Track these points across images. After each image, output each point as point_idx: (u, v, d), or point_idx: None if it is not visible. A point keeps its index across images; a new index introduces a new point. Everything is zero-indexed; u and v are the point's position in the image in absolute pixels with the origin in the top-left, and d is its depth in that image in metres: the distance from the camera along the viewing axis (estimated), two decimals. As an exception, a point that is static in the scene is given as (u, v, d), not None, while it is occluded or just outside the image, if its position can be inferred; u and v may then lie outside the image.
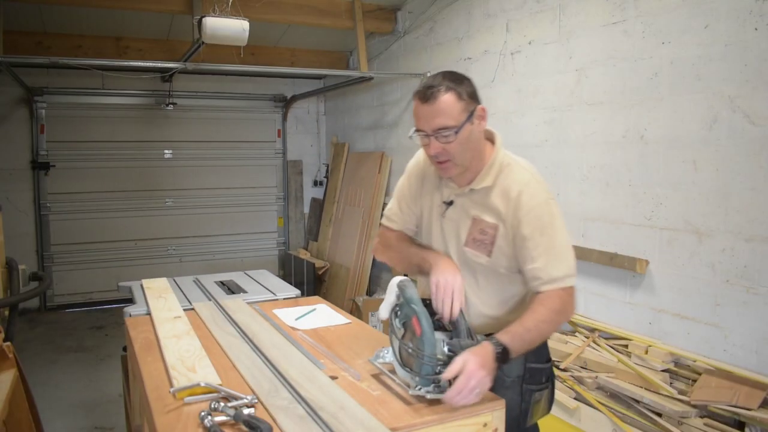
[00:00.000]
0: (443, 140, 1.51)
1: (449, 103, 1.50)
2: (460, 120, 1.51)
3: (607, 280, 3.24)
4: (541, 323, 1.48)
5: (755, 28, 2.47)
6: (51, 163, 5.85)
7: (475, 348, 1.38)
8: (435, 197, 1.71)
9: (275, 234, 7.04)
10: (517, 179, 1.58)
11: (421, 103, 1.52)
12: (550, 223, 1.53)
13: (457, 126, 1.50)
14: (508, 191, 1.56)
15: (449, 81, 1.51)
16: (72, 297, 6.06)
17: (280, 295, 2.66)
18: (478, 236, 1.60)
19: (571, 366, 3.06)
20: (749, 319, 2.54)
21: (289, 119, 7.01)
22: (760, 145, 2.47)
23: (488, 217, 1.59)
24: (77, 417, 3.52)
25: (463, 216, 1.63)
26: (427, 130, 1.52)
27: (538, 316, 1.48)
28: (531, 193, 1.55)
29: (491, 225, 1.58)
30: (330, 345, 1.83)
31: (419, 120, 1.54)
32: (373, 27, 5.26)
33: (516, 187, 1.56)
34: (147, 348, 1.81)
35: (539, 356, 1.67)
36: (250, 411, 1.32)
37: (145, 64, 5.08)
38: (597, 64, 3.26)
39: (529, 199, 1.54)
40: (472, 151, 1.58)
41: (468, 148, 1.56)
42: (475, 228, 1.61)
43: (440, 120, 1.50)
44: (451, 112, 1.50)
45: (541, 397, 1.69)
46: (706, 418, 2.48)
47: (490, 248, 1.58)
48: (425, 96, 1.51)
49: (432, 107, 1.50)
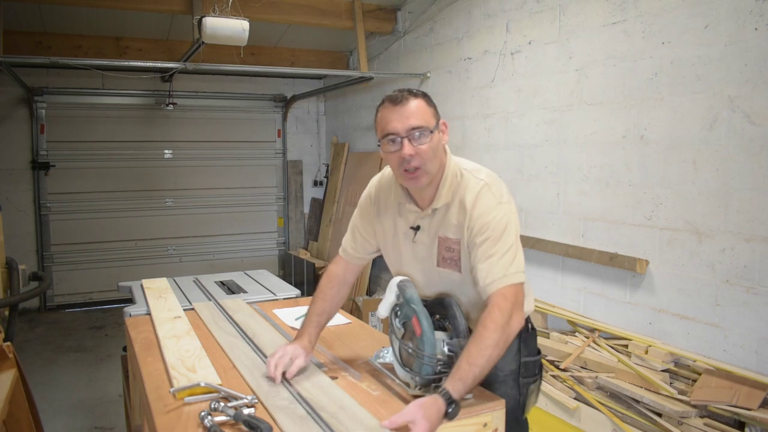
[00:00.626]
0: (417, 142, 1.50)
1: (421, 107, 1.52)
2: (432, 123, 1.52)
3: (607, 280, 3.24)
4: (487, 353, 1.39)
5: (755, 28, 2.47)
6: (51, 163, 5.85)
7: (427, 402, 1.30)
8: (399, 224, 1.69)
9: (275, 234, 7.04)
10: (470, 189, 1.57)
11: (393, 105, 1.52)
12: (500, 232, 1.52)
13: (431, 128, 1.51)
14: (464, 203, 1.56)
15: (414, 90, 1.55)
16: (72, 297, 6.06)
17: (280, 295, 2.66)
18: (446, 254, 1.60)
19: (571, 366, 3.06)
20: (749, 319, 2.54)
21: (289, 119, 7.01)
22: (760, 145, 2.47)
23: (450, 233, 1.59)
24: (77, 417, 3.52)
25: (431, 237, 1.63)
26: (401, 131, 1.50)
27: (482, 346, 1.40)
28: (482, 203, 1.54)
29: (455, 241, 1.58)
30: (330, 345, 1.83)
31: (391, 122, 1.51)
32: (373, 27, 5.26)
33: (470, 199, 1.55)
34: (147, 348, 1.81)
35: (530, 349, 1.71)
36: (250, 411, 1.32)
37: (145, 64, 5.08)
38: (597, 64, 3.26)
39: (480, 209, 1.53)
40: (439, 161, 1.57)
41: (437, 156, 1.55)
42: (442, 247, 1.61)
43: (414, 120, 1.50)
44: (424, 114, 1.52)
45: (535, 388, 1.74)
46: (706, 418, 2.48)
47: (458, 264, 1.59)
48: (397, 99, 1.52)
49: (405, 108, 1.50)
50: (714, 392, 2.49)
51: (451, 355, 1.41)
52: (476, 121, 4.26)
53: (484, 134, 4.18)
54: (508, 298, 1.46)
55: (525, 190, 3.84)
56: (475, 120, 4.28)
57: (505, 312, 1.44)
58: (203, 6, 4.18)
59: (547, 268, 3.68)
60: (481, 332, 1.41)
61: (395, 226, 1.70)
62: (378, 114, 1.56)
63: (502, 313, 1.44)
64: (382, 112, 1.55)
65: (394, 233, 1.71)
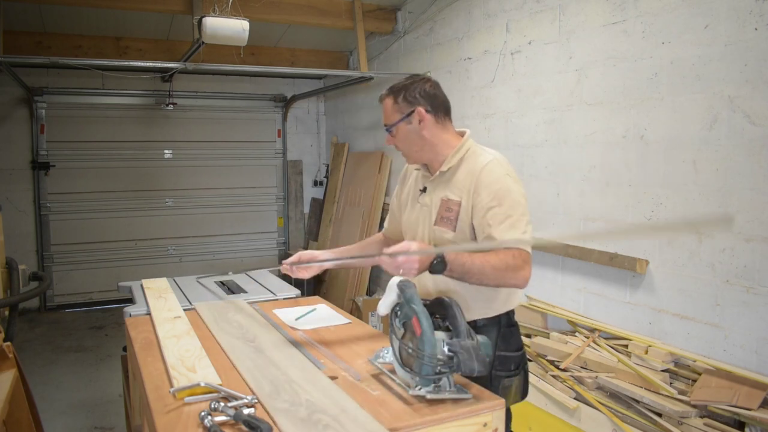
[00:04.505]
0: (391, 135, 1.85)
1: (386, 105, 1.83)
2: (393, 120, 1.81)
3: (607, 280, 3.24)
4: (487, 265, 1.59)
5: (755, 28, 2.47)
6: (51, 163, 5.85)
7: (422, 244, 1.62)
8: (413, 189, 1.96)
9: (275, 234, 7.04)
10: (480, 161, 1.77)
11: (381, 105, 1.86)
12: (507, 196, 1.69)
13: (390, 125, 1.82)
14: (473, 170, 1.75)
15: (393, 89, 1.82)
16: (72, 297, 6.06)
17: (280, 295, 2.66)
18: (445, 214, 1.78)
19: (571, 366, 3.06)
20: (749, 319, 2.54)
21: (289, 119, 7.01)
22: (760, 145, 2.47)
23: (453, 195, 1.77)
24: (77, 417, 3.52)
25: (434, 199, 1.83)
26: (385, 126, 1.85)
27: (488, 258, 1.61)
28: (491, 169, 1.73)
29: (456, 202, 1.76)
30: (330, 345, 1.83)
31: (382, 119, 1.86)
32: (373, 27, 5.26)
33: (479, 166, 1.75)
34: (147, 348, 1.81)
35: (509, 345, 1.78)
36: (250, 411, 1.32)
37: (145, 64, 5.08)
38: (597, 64, 3.26)
39: (488, 174, 1.72)
40: (420, 145, 1.82)
41: (413, 143, 1.82)
42: (443, 207, 1.79)
43: (385, 119, 1.84)
44: (387, 112, 1.83)
45: (511, 383, 1.78)
46: (706, 418, 2.48)
47: (454, 223, 1.75)
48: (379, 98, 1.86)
49: (382, 109, 1.85)
50: (714, 392, 2.49)
51: (451, 355, 1.40)
52: (476, 121, 4.26)
53: (484, 134, 4.18)
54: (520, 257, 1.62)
55: (525, 190, 3.83)
56: (475, 120, 4.28)
57: (518, 261, 1.61)
58: (203, 6, 4.18)
59: (547, 268, 3.68)
60: (492, 253, 1.61)
61: (410, 192, 1.97)
62: None
63: (516, 260, 1.61)
64: None
65: (407, 198, 1.98)
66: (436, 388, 1.39)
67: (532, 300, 3.73)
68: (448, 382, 1.40)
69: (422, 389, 1.39)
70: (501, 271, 1.60)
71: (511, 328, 1.83)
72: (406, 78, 1.84)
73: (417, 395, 1.39)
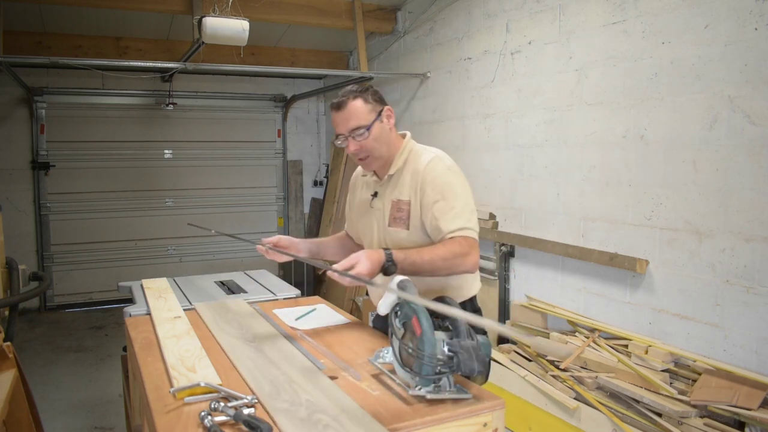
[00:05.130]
0: (359, 138, 1.81)
1: (358, 107, 1.80)
2: (369, 119, 1.81)
3: (607, 280, 3.24)
4: (436, 257, 1.67)
5: (755, 28, 2.47)
6: (51, 163, 5.85)
7: (371, 251, 1.64)
8: (363, 195, 2.02)
9: (275, 234, 7.03)
10: (422, 160, 1.85)
11: (335, 111, 1.83)
12: (449, 190, 1.77)
13: (368, 125, 1.80)
14: (417, 169, 1.83)
15: (355, 91, 1.83)
16: (72, 297, 6.06)
17: (280, 295, 2.66)
18: (397, 214, 1.86)
19: (571, 366, 3.06)
20: (749, 319, 2.54)
21: (289, 119, 7.01)
22: (760, 145, 2.47)
23: (403, 195, 1.85)
24: (77, 417, 3.52)
25: (385, 202, 1.91)
26: (344, 132, 1.82)
27: (436, 251, 1.69)
28: (432, 166, 1.81)
29: (405, 201, 1.84)
30: (330, 345, 1.83)
31: (337, 125, 1.83)
32: (373, 27, 5.26)
33: (422, 165, 1.83)
34: (147, 348, 1.81)
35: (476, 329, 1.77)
36: (250, 411, 1.32)
37: (145, 64, 5.07)
38: (597, 64, 3.26)
39: (431, 171, 1.80)
40: (387, 144, 1.87)
41: (383, 142, 1.85)
42: (394, 208, 1.87)
43: (352, 122, 1.80)
44: (361, 114, 1.80)
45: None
46: (706, 418, 2.48)
47: (407, 222, 1.84)
48: (338, 105, 1.82)
49: (344, 113, 1.81)
50: (714, 392, 2.49)
51: (451, 355, 1.41)
52: (476, 121, 4.26)
53: (484, 134, 4.18)
54: (467, 243, 1.71)
55: (525, 190, 3.84)
56: (475, 120, 4.28)
57: (464, 248, 1.70)
58: (203, 6, 4.18)
59: (547, 268, 3.68)
60: (440, 245, 1.71)
61: (361, 198, 2.05)
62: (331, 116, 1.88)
63: (462, 247, 1.69)
64: (332, 116, 1.87)
65: (359, 204, 2.06)
66: (436, 388, 1.39)
67: (532, 300, 3.73)
68: (448, 382, 1.40)
69: (422, 389, 1.39)
70: (450, 260, 1.68)
71: (476, 312, 1.95)
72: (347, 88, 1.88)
73: (417, 395, 1.39)
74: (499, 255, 4.00)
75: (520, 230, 3.88)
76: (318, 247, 2.15)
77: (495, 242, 4.01)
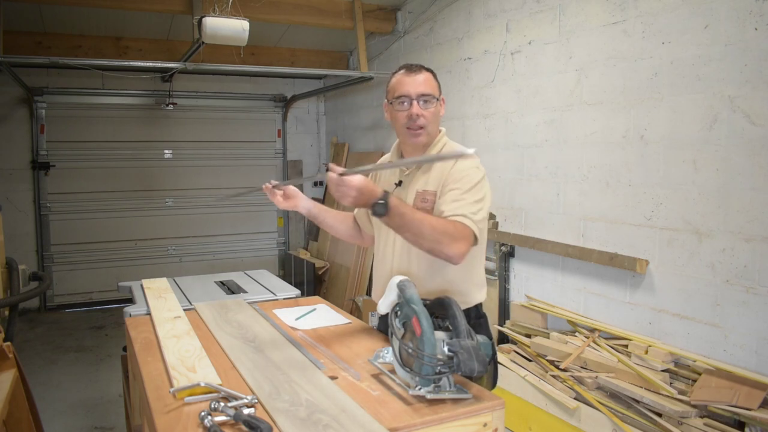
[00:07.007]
0: (424, 105, 1.82)
1: (430, 78, 1.86)
2: (437, 93, 1.86)
3: (607, 280, 3.24)
4: (426, 223, 1.61)
5: (755, 28, 2.47)
6: (51, 163, 5.85)
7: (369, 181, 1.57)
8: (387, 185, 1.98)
9: (275, 234, 7.04)
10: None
11: (408, 73, 1.85)
12: (468, 182, 1.76)
13: (436, 96, 1.85)
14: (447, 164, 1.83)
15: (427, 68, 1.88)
16: (72, 297, 6.06)
17: (280, 295, 2.66)
18: (420, 205, 1.83)
19: (571, 366, 3.06)
20: (749, 319, 2.54)
21: (289, 119, 7.01)
22: (760, 145, 2.47)
23: (429, 186, 1.84)
24: (77, 417, 3.52)
25: (409, 192, 1.88)
26: (413, 94, 1.82)
27: (429, 218, 1.65)
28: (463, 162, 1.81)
29: (432, 192, 1.83)
30: (330, 345, 1.83)
31: (405, 86, 1.83)
32: (373, 27, 5.26)
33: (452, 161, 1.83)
34: (147, 348, 1.81)
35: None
36: (250, 411, 1.32)
37: (145, 64, 5.08)
38: (597, 64, 3.26)
39: (459, 164, 1.81)
40: (436, 127, 1.90)
41: (435, 122, 1.88)
42: (418, 199, 1.85)
43: (424, 87, 1.83)
44: (432, 84, 1.85)
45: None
46: (706, 418, 2.48)
47: (430, 213, 1.80)
48: (412, 68, 1.85)
49: (418, 76, 1.84)
50: (714, 392, 2.49)
51: (451, 355, 1.41)
52: (476, 121, 4.26)
53: (484, 134, 4.18)
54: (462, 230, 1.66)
55: (525, 190, 3.84)
56: (475, 120, 4.28)
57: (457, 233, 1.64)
58: (203, 6, 4.18)
59: (547, 268, 3.68)
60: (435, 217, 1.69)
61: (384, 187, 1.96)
62: (393, 79, 1.90)
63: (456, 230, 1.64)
64: (397, 77, 1.87)
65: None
66: (436, 388, 1.39)
67: (532, 300, 3.73)
68: (448, 382, 1.40)
69: (422, 389, 1.39)
70: (437, 234, 1.60)
71: (480, 319, 1.92)
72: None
73: (417, 395, 1.39)
74: (499, 255, 4.00)
75: (520, 230, 3.88)
76: (319, 212, 2.23)
77: (495, 242, 4.01)
